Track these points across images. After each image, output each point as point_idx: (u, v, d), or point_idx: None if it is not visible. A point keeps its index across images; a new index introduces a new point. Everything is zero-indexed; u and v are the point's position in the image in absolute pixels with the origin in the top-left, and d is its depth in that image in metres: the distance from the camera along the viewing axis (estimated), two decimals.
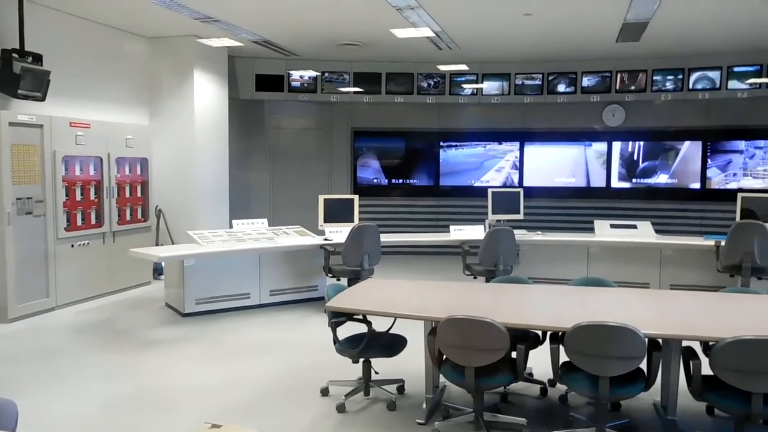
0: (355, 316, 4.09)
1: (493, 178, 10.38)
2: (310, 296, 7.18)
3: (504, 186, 10.11)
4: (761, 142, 9.36)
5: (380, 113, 10.36)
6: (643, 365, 3.37)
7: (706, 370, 3.26)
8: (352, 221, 7.02)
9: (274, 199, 10.43)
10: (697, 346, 3.51)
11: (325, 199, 7.16)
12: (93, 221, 7.19)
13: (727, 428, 3.52)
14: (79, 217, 7.00)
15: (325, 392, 4.39)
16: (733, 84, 9.09)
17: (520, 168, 10.33)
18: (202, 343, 5.72)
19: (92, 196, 7.18)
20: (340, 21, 7.41)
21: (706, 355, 3.27)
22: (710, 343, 3.26)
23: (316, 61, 9.81)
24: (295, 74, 9.91)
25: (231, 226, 7.43)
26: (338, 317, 4.08)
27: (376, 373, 4.36)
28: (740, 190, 8.69)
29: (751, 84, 9.01)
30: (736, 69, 9.05)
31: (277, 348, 5.56)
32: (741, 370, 3.10)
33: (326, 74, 9.94)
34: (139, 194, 7.92)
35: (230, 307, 6.72)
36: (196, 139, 8.47)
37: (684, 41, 8.29)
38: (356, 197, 7.32)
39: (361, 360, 4.22)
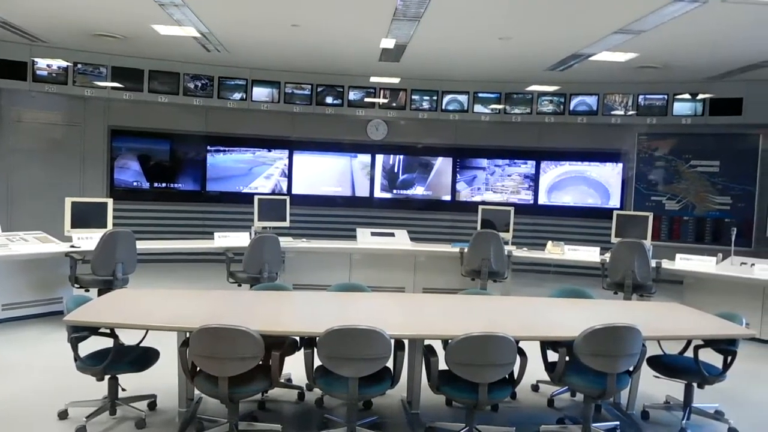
0: (100, 330, 3.77)
1: (262, 185, 10.33)
2: (52, 310, 6.45)
3: (273, 193, 10.12)
4: (500, 161, 10.61)
5: (142, 112, 9.70)
6: (390, 364, 3.59)
7: (443, 365, 3.58)
8: (106, 227, 6.48)
9: (11, 202, 9.17)
10: (438, 344, 3.84)
11: (72, 203, 6.51)
12: None
13: (462, 417, 3.89)
14: None
15: (63, 415, 3.97)
16: (478, 108, 10.18)
17: (288, 176, 10.43)
18: None
19: None
20: (93, 8, 6.78)
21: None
22: (449, 341, 3.58)
23: (68, 50, 8.88)
24: (42, 62, 8.87)
25: None
26: (80, 331, 3.72)
27: (124, 390, 4.05)
28: (483, 202, 9.76)
29: (492, 109, 10.19)
30: (480, 95, 10.17)
31: (6, 370, 4.89)
32: (469, 364, 3.46)
33: (79, 65, 9.05)
34: None
35: None
36: None
37: (438, 66, 9.09)
38: (110, 201, 6.80)
39: (107, 377, 3.91)
